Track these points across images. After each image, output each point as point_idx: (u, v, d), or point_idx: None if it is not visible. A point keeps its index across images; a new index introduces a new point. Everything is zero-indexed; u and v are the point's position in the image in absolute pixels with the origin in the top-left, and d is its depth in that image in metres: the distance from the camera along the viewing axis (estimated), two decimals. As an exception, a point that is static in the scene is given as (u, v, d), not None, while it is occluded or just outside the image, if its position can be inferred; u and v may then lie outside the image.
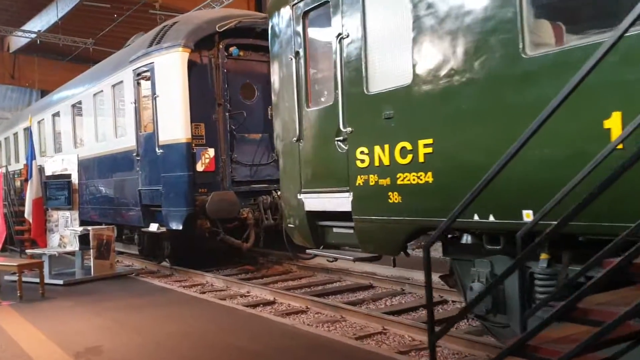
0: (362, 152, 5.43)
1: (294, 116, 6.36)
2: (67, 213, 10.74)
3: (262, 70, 10.58)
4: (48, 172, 11.02)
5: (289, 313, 7.33)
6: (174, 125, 9.36)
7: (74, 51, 29.56)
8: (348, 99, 5.59)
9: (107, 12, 24.20)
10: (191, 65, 9.44)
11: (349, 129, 5.58)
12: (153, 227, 9.99)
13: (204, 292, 8.91)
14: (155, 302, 7.81)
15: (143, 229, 10.30)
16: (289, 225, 6.66)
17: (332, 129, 5.80)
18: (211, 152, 9.80)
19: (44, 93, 33.72)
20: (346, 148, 5.64)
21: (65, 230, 10.72)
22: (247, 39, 10.09)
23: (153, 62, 9.65)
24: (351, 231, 5.82)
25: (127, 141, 10.70)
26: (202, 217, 9.47)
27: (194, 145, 9.41)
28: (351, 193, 5.59)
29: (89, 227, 10.32)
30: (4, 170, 14.82)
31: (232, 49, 9.92)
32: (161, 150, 9.60)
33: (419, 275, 8.37)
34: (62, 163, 10.88)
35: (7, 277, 9.65)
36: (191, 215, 9.28)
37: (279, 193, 10.00)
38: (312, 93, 6.28)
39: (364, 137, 5.42)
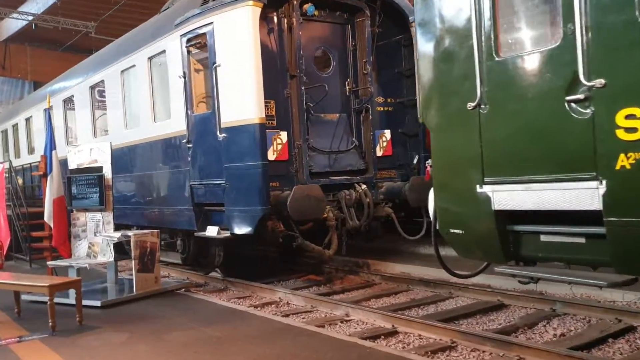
0: (629, 117, 3.45)
1: (470, 70, 4.36)
2: (99, 215, 8.66)
3: (339, 34, 8.59)
4: (72, 165, 8.93)
5: (434, 351, 5.33)
6: (243, 102, 7.33)
7: (71, 38, 27.28)
8: (596, 32, 3.60)
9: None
10: (260, 25, 7.39)
11: (597, 82, 3.60)
12: (211, 230, 7.95)
13: (286, 315, 6.92)
14: (236, 333, 5.82)
15: (196, 233, 8.26)
16: (453, 231, 4.67)
17: (558, 83, 3.82)
18: (284, 136, 7.78)
19: (37, 85, 31.44)
20: (590, 112, 3.66)
21: (96, 237, 8.65)
22: (325, -6, 8.09)
23: (212, 23, 7.59)
24: (580, 240, 3.87)
25: (172, 125, 8.64)
26: (274, 217, 7.46)
27: (265, 127, 7.39)
28: (602, 181, 3.61)
29: (129, 232, 8.26)
30: (7, 164, 12.66)
31: (307, 6, 7.88)
32: (224, 135, 7.56)
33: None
34: (90, 153, 8.79)
35: (25, 297, 7.58)
36: (266, 215, 7.25)
37: (363, 187, 8.04)
38: (503, 33, 4.28)
39: (633, 92, 3.45)
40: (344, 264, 9.53)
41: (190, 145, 8.23)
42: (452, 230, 4.68)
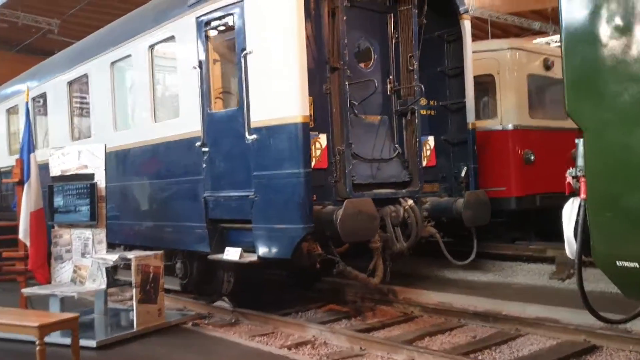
0: None
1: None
2: (88, 232, 7.14)
3: (380, 24, 7.40)
4: (55, 171, 7.37)
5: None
6: (282, 96, 6.00)
7: (28, 37, 25.20)
8: None
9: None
10: (299, 7, 6.11)
11: None
12: (232, 253, 6.54)
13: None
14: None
15: (210, 256, 6.83)
16: (624, 264, 3.48)
17: None
18: (323, 139, 6.48)
19: (-13, 88, 29.10)
20: None
21: (84, 258, 7.11)
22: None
23: (242, 1, 6.25)
24: None
25: (181, 125, 7.22)
26: (310, 238, 6.14)
27: (303, 128, 6.07)
28: None
29: (129, 253, 6.78)
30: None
31: (351, -11, 6.66)
32: (254, 136, 6.20)
33: None
34: (78, 157, 7.25)
35: (2, 335, 6.02)
36: (308, 235, 5.92)
37: (409, 202, 6.83)
38: None
39: None
40: (366, 291, 8.24)
41: (206, 149, 6.82)
42: (621, 263, 3.49)
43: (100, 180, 7.06)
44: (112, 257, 6.74)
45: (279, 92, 6.02)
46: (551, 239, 10.06)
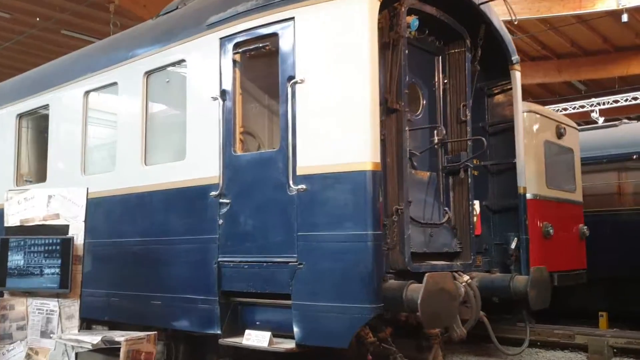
0: None
1: None
2: (52, 303, 5.37)
3: (429, 66, 6.41)
4: (11, 220, 5.60)
5: None
6: (345, 137, 4.73)
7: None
8: None
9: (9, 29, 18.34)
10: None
11: None
12: (258, 338, 4.97)
13: None
14: None
15: (222, 340, 5.24)
16: None
17: None
18: (376, 195, 5.21)
19: None
20: None
21: (44, 339, 5.30)
22: (429, 7, 5.88)
23: (292, 18, 5.03)
24: None
25: (186, 170, 5.73)
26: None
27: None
28: None
29: (115, 334, 5.07)
30: None
31: (411, 19, 5.61)
32: (301, 186, 4.84)
33: None
34: (47, 204, 5.54)
35: None
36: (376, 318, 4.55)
37: (465, 278, 5.69)
38: None
39: None
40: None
41: (225, 201, 5.34)
42: None
43: (78, 235, 5.38)
44: (91, 339, 4.98)
45: (341, 132, 4.75)
46: (570, 321, 9.18)
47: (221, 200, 5.38)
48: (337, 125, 4.79)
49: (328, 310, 4.63)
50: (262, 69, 5.50)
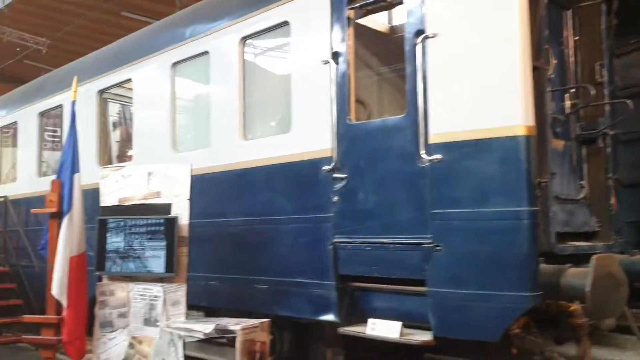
0: None
1: None
2: (156, 288, 4.95)
3: (557, 22, 5.64)
4: (108, 199, 5.21)
5: None
6: (492, 98, 4.08)
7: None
8: None
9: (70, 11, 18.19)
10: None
11: None
12: (383, 328, 4.43)
13: None
14: None
15: (342, 329, 4.72)
16: None
17: None
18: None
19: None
20: None
21: (147, 327, 4.90)
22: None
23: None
24: None
25: (292, 144, 5.20)
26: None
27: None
28: None
29: (229, 322, 4.62)
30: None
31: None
32: (436, 156, 4.23)
33: None
34: (147, 181, 5.12)
35: None
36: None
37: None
38: None
39: None
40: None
41: (340, 176, 4.79)
42: None
43: (182, 214, 4.93)
44: (202, 327, 4.54)
45: (485, 92, 4.10)
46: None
47: (335, 175, 4.83)
48: (480, 84, 4.13)
49: (474, 299, 4.03)
50: (377, 26, 4.88)
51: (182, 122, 6.49)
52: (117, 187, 5.19)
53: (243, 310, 5.62)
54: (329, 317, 4.83)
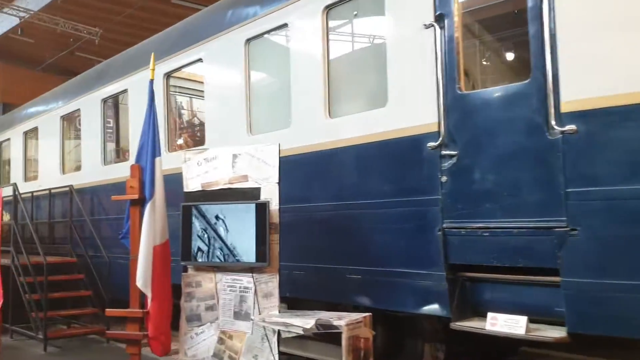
0: None
1: None
2: (246, 279, 4.56)
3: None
4: (191, 185, 4.84)
5: None
6: (641, 55, 3.50)
7: (50, 56, 23.12)
8: None
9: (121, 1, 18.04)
10: None
11: None
12: (509, 323, 3.92)
13: None
14: None
15: (454, 324, 4.23)
16: None
17: None
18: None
19: (6, 108, 26.74)
20: None
21: (238, 321, 4.52)
22: None
23: None
24: None
25: (388, 119, 4.71)
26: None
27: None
28: None
29: (331, 316, 4.19)
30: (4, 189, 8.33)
31: None
32: (570, 127, 3.68)
33: None
34: (232, 163, 4.72)
35: None
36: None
37: None
38: None
39: None
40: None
41: (450, 153, 4.28)
42: None
43: (272, 199, 4.51)
44: (302, 322, 4.12)
45: (634, 50, 3.51)
46: None
47: (443, 152, 4.32)
48: (626, 41, 3.55)
49: (622, 289, 3.48)
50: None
51: (257, 103, 6.05)
52: (201, 170, 4.82)
53: (330, 302, 5.21)
54: (438, 310, 4.34)
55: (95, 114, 8.76)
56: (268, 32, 5.92)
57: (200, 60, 6.76)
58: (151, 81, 5.03)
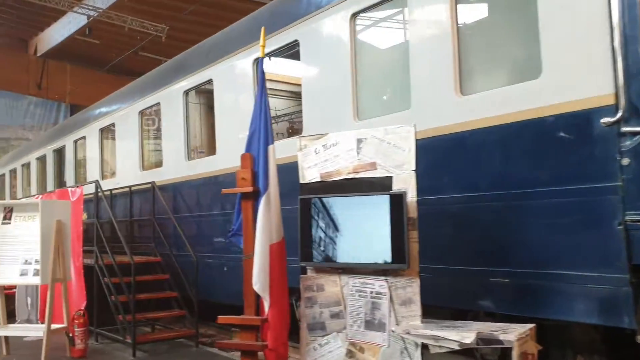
0: None
1: None
2: (379, 283, 3.91)
3: None
4: (308, 175, 4.24)
5: None
6: None
7: (114, 57, 23.26)
8: None
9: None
10: None
11: None
12: None
13: None
14: None
15: (642, 338, 3.47)
16: None
17: None
18: None
19: (74, 109, 27.21)
20: None
21: (370, 332, 3.88)
22: None
23: None
24: None
25: (545, 92, 3.97)
26: None
27: None
28: None
29: (494, 328, 3.49)
30: (82, 188, 8.04)
31: None
32: None
33: None
34: (357, 149, 4.09)
35: None
36: None
37: None
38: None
39: None
40: None
41: (634, 130, 3.52)
42: None
43: (407, 189, 3.84)
44: (457, 336, 3.44)
45: None
46: None
47: (624, 129, 3.55)
48: None
49: None
50: None
51: (365, 83, 5.41)
52: (319, 159, 4.21)
53: (462, 309, 4.53)
54: (618, 321, 3.58)
55: (177, 107, 8.33)
56: (379, 3, 5.26)
57: (296, 42, 6.17)
58: (261, 59, 4.46)
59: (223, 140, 7.40)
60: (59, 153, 13.34)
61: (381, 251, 3.85)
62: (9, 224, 6.90)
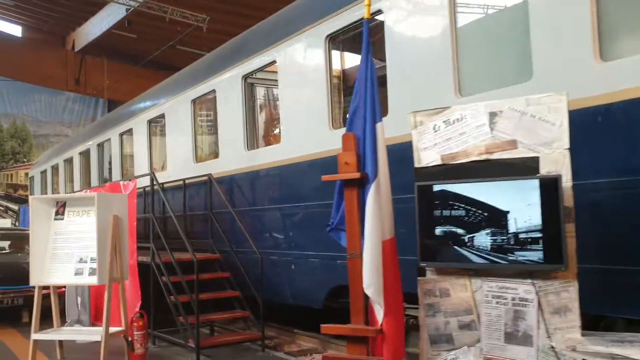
0: None
1: None
2: (524, 287, 3.18)
3: None
4: (427, 158, 3.53)
5: None
6: None
7: (151, 52, 22.91)
8: None
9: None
10: None
11: None
12: None
13: None
14: None
15: None
16: None
17: None
18: None
19: (111, 105, 27.00)
20: None
21: (514, 347, 3.16)
22: None
23: None
24: None
25: None
26: None
27: None
28: None
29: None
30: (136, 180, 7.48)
31: None
32: None
33: None
34: (491, 126, 3.37)
35: None
36: None
37: None
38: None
39: None
40: None
41: None
42: None
43: (564, 171, 3.12)
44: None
45: None
46: None
47: None
48: None
49: None
50: None
51: (469, 52, 4.67)
52: (439, 138, 3.51)
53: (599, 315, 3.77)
54: None
55: (236, 94, 7.71)
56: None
57: (379, 11, 5.46)
58: (367, 20, 3.75)
59: (288, 128, 6.76)
60: (103, 147, 12.90)
61: (528, 249, 3.13)
62: (62, 219, 6.35)
